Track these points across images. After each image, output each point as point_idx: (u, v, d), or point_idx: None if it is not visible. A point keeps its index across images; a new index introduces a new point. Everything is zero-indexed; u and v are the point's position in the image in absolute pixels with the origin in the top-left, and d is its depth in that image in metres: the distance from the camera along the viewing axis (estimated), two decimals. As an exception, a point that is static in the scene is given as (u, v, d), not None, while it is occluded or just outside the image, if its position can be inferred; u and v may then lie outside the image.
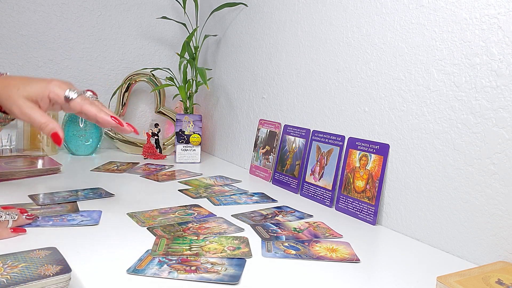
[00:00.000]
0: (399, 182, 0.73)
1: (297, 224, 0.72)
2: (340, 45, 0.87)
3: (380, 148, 0.76)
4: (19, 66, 1.30)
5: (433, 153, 0.67)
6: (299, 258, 0.58)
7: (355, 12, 0.83)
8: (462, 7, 0.63)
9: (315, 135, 0.93)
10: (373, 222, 0.75)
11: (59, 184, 0.92)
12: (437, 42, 0.66)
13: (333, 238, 0.67)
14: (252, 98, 1.21)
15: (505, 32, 0.57)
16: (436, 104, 0.67)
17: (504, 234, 0.57)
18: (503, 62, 0.57)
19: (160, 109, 1.45)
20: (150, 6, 1.48)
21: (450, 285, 0.46)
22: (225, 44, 1.36)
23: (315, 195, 0.89)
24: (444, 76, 0.65)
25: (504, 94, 0.57)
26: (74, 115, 1.27)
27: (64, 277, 0.44)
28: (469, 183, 0.62)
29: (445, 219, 0.65)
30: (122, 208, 0.77)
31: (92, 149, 1.31)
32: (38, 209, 0.73)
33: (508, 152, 0.57)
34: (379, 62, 0.78)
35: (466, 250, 0.62)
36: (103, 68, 1.44)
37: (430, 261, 0.60)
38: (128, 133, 0.73)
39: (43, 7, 1.31)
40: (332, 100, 0.90)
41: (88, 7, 1.38)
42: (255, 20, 1.18)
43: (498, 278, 0.49)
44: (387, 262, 0.59)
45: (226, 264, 0.54)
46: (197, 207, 0.80)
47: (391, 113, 0.75)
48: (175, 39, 1.55)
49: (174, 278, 0.50)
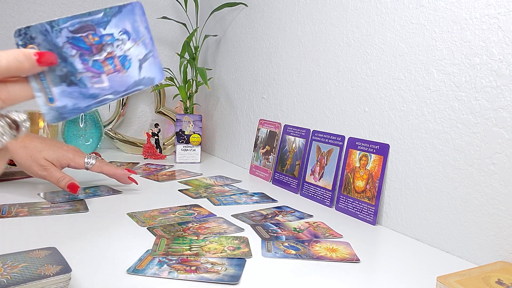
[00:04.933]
0: (399, 182, 0.73)
1: (297, 224, 0.72)
2: (340, 45, 0.87)
3: (380, 148, 0.76)
4: (19, 66, 1.30)
5: (433, 153, 0.67)
6: (299, 258, 0.58)
7: (355, 12, 0.83)
8: (462, 7, 0.63)
9: (315, 135, 0.93)
10: (373, 222, 0.75)
11: (59, 184, 0.92)
12: (437, 42, 0.66)
13: (333, 238, 0.67)
14: (252, 98, 1.21)
15: (505, 32, 0.57)
16: (436, 104, 0.67)
17: (504, 234, 0.57)
18: (503, 62, 0.57)
19: (160, 109, 1.45)
20: (150, 6, 1.48)
21: (450, 285, 0.46)
22: (225, 44, 1.36)
23: (315, 195, 0.89)
24: (444, 76, 0.65)
25: (504, 94, 0.57)
26: (74, 115, 1.28)
27: (64, 277, 0.44)
28: (469, 183, 0.62)
29: (445, 219, 0.65)
30: (122, 208, 0.77)
31: (92, 149, 1.31)
32: (49, 207, 0.74)
33: (508, 152, 0.57)
34: (379, 62, 0.78)
35: (466, 250, 0.62)
36: (103, 68, 1.44)
37: (430, 261, 0.60)
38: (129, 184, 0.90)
39: (43, 7, 1.31)
40: (332, 100, 0.90)
41: (88, 7, 1.38)
42: (255, 20, 1.18)
43: (498, 278, 0.49)
44: (387, 262, 0.59)
45: (226, 264, 0.54)
46: (197, 207, 0.80)
47: (391, 113, 0.75)
48: (175, 39, 1.55)
49: (174, 278, 0.50)
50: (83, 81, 0.36)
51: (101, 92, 0.36)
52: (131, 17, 0.38)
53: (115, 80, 0.37)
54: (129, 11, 0.38)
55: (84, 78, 0.36)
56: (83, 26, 0.36)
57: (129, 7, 0.37)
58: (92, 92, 0.36)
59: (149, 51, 0.38)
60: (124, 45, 0.37)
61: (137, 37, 0.38)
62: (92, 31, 0.36)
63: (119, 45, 0.37)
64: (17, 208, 0.73)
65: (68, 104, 0.35)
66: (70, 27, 0.35)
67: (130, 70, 0.37)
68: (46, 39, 0.35)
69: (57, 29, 0.35)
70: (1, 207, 0.73)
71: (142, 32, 0.38)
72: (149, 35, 0.38)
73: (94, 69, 0.36)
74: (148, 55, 0.38)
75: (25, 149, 0.77)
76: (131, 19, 0.38)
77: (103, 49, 0.36)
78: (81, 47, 0.36)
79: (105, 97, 0.36)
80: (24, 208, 0.73)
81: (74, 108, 0.36)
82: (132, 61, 0.37)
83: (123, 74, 0.37)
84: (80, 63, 0.36)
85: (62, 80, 0.35)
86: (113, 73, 0.37)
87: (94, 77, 0.36)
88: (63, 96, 0.35)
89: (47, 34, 0.35)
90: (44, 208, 0.73)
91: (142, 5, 0.38)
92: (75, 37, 0.36)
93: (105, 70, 0.36)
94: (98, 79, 0.36)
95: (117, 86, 0.37)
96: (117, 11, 0.37)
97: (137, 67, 0.38)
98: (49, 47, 0.35)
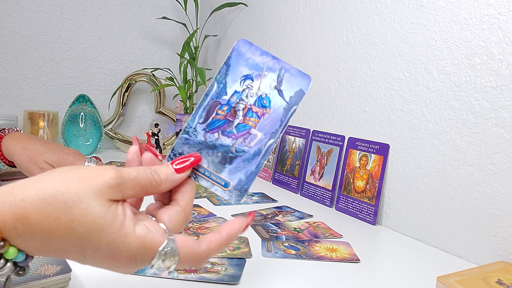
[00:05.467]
0: (399, 182, 0.73)
1: (297, 224, 0.72)
2: (340, 45, 0.87)
3: (380, 148, 0.76)
4: (19, 66, 1.30)
5: (433, 153, 0.67)
6: (299, 258, 0.58)
7: (355, 12, 0.83)
8: (462, 7, 0.63)
9: (315, 135, 0.93)
10: (373, 222, 0.75)
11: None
12: (437, 42, 0.66)
13: (333, 238, 0.67)
14: (252, 98, 1.21)
15: (505, 32, 0.57)
16: (436, 104, 0.67)
17: (504, 234, 0.57)
18: (503, 62, 0.57)
19: (160, 109, 1.45)
20: (150, 6, 1.48)
21: (450, 285, 0.46)
22: (225, 44, 1.36)
23: (315, 195, 0.89)
24: (444, 76, 0.65)
25: (504, 94, 0.57)
26: (74, 115, 1.28)
27: (64, 277, 0.44)
28: (469, 183, 0.62)
29: (445, 219, 0.65)
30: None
31: (92, 149, 1.31)
32: None
33: (508, 152, 0.57)
34: (379, 62, 0.78)
35: (466, 250, 0.62)
36: (103, 68, 1.44)
37: (430, 261, 0.60)
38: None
39: (43, 7, 1.31)
40: (332, 100, 0.90)
41: (88, 7, 1.38)
42: (255, 20, 1.18)
43: (498, 278, 0.49)
44: (387, 262, 0.59)
45: (226, 264, 0.54)
46: (197, 207, 0.80)
47: (391, 113, 0.75)
48: (175, 39, 1.55)
49: (174, 278, 0.50)
50: (240, 149, 0.35)
51: (260, 145, 0.35)
52: (242, 60, 0.35)
53: (266, 124, 0.35)
54: (237, 57, 0.35)
55: (238, 147, 0.35)
56: (208, 110, 0.35)
57: (234, 53, 0.35)
58: (253, 151, 0.35)
59: (279, 70, 0.35)
60: (252, 89, 0.35)
61: (259, 70, 0.35)
62: (218, 105, 0.35)
63: (247, 94, 0.35)
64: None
65: (241, 177, 0.35)
66: (200, 120, 0.35)
67: (273, 103, 0.35)
68: (191, 145, 0.35)
69: (193, 131, 0.35)
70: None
71: (261, 61, 0.35)
72: (269, 57, 0.35)
73: (241, 133, 0.35)
74: (281, 75, 0.35)
75: (25, 151, 0.77)
76: (243, 61, 0.35)
77: (236, 110, 0.35)
78: (219, 126, 0.35)
79: (268, 145, 0.35)
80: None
81: (248, 176, 0.35)
82: (270, 95, 0.35)
83: (269, 113, 0.35)
84: (227, 138, 0.35)
85: (222, 163, 0.35)
86: (259, 122, 0.35)
87: (246, 138, 0.35)
88: (233, 174, 0.35)
89: (188, 141, 0.35)
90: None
91: (245, 40, 0.35)
92: (209, 123, 0.35)
93: (250, 126, 0.35)
94: (250, 137, 0.35)
95: (271, 127, 0.35)
96: (226, 68, 0.35)
97: (277, 95, 0.35)
98: (196, 149, 0.35)
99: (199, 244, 0.32)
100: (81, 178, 0.29)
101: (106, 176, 0.29)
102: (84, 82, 1.41)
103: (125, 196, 0.31)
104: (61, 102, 1.37)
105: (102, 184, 0.29)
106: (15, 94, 1.31)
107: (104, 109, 1.44)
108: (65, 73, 1.38)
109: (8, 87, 1.29)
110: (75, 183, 0.28)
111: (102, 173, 0.30)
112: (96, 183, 0.29)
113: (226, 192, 0.35)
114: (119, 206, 0.30)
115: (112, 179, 0.29)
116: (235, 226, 0.34)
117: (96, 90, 1.43)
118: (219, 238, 0.33)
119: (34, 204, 0.27)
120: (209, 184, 0.35)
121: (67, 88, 1.38)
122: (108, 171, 0.30)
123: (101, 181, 0.29)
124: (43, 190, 0.27)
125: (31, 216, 0.27)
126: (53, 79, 1.36)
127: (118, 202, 0.30)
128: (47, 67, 1.35)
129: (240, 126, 0.35)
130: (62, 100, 1.37)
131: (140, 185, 0.32)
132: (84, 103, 1.33)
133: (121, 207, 0.30)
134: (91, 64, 1.42)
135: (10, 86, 1.30)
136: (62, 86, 1.37)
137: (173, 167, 0.33)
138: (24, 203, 0.27)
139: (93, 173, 0.29)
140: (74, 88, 1.39)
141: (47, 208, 0.27)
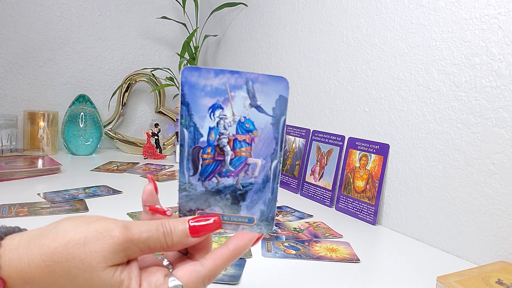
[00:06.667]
0: (399, 182, 0.73)
1: (297, 224, 0.72)
2: (340, 45, 0.87)
3: (380, 148, 0.76)
4: (19, 66, 1.30)
5: (433, 153, 0.67)
6: (299, 258, 0.58)
7: (355, 12, 0.83)
8: (462, 7, 0.63)
9: (315, 135, 0.93)
10: (373, 222, 0.75)
11: (59, 184, 0.92)
12: (437, 42, 0.66)
13: (333, 238, 0.67)
14: (252, 98, 1.21)
15: (505, 32, 0.57)
16: (436, 104, 0.67)
17: (504, 234, 0.57)
18: (503, 62, 0.57)
19: (160, 109, 1.45)
20: (150, 6, 1.48)
21: (450, 285, 0.46)
22: (225, 44, 1.36)
23: (315, 195, 0.89)
24: (444, 76, 0.65)
25: (504, 94, 0.57)
26: (74, 115, 1.28)
27: None
28: (469, 183, 0.62)
29: (445, 219, 0.65)
30: (122, 208, 0.77)
31: (92, 149, 1.31)
32: (49, 207, 0.74)
33: (508, 152, 0.57)
34: (379, 62, 0.78)
35: (466, 250, 0.62)
36: (103, 68, 1.44)
37: (430, 261, 0.60)
38: None
39: (43, 7, 1.31)
40: (332, 100, 0.90)
41: (88, 7, 1.38)
42: (255, 20, 1.18)
43: (498, 278, 0.49)
44: (387, 262, 0.59)
45: (226, 264, 0.54)
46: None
47: (391, 113, 0.75)
48: (175, 39, 1.55)
49: (174, 278, 0.50)
50: (246, 183, 0.33)
51: (265, 171, 0.33)
52: (198, 91, 0.31)
53: (260, 148, 0.33)
54: (190, 90, 0.31)
55: (243, 181, 0.33)
56: (193, 159, 0.33)
57: (186, 87, 0.31)
58: (261, 179, 0.33)
59: (245, 84, 0.31)
60: (227, 117, 0.32)
61: (224, 94, 0.32)
62: (199, 150, 0.33)
63: (224, 125, 0.32)
64: (17, 208, 0.73)
65: (261, 207, 0.33)
66: (190, 173, 0.33)
67: (257, 124, 0.32)
68: (194, 199, 0.33)
69: (189, 185, 0.33)
70: (1, 207, 0.73)
71: (220, 83, 0.31)
72: (227, 74, 0.31)
73: (239, 167, 0.33)
74: (250, 89, 0.31)
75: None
76: (200, 92, 0.31)
77: (221, 146, 0.33)
78: (213, 170, 0.33)
79: (273, 168, 0.33)
80: (24, 208, 0.73)
81: (268, 204, 0.33)
82: (249, 116, 0.32)
83: (258, 135, 0.32)
84: (228, 179, 0.33)
85: (236, 203, 0.33)
86: (252, 148, 0.33)
87: (247, 170, 0.33)
88: (251, 209, 0.33)
89: (190, 197, 0.34)
90: (44, 208, 0.73)
91: (189, 67, 0.31)
92: (201, 172, 0.33)
93: (245, 156, 0.33)
94: (251, 167, 0.33)
95: (267, 149, 0.33)
96: (186, 108, 0.32)
97: (257, 113, 0.32)
98: (202, 200, 0.33)
99: (203, 265, 0.31)
100: (87, 242, 0.28)
101: (113, 240, 0.28)
102: (84, 82, 1.41)
103: (131, 257, 0.30)
104: (61, 102, 1.37)
105: (107, 251, 0.28)
106: (15, 94, 1.31)
107: (104, 109, 1.44)
108: (65, 73, 1.38)
109: (8, 87, 1.29)
110: (80, 248, 0.28)
111: (109, 235, 0.28)
112: (101, 249, 0.28)
113: (254, 227, 0.33)
114: (125, 271, 0.29)
115: (119, 245, 0.28)
116: (244, 240, 0.32)
117: (96, 90, 1.43)
118: (225, 253, 0.32)
119: (40, 270, 0.28)
120: (233, 227, 0.33)
121: (67, 88, 1.38)
122: (116, 232, 0.29)
123: (107, 246, 0.28)
124: (49, 255, 0.28)
125: (37, 281, 0.28)
126: (53, 79, 1.36)
127: (124, 265, 0.29)
128: (47, 67, 1.35)
129: (234, 161, 0.33)
130: (62, 100, 1.37)
131: (149, 248, 0.30)
132: (84, 103, 1.33)
133: (127, 271, 0.29)
134: (91, 64, 1.42)
135: (10, 86, 1.30)
136: (62, 86, 1.37)
137: (189, 225, 0.31)
138: (30, 269, 0.28)
139: (100, 235, 0.28)
140: (74, 88, 1.39)
141: (53, 276, 0.28)
